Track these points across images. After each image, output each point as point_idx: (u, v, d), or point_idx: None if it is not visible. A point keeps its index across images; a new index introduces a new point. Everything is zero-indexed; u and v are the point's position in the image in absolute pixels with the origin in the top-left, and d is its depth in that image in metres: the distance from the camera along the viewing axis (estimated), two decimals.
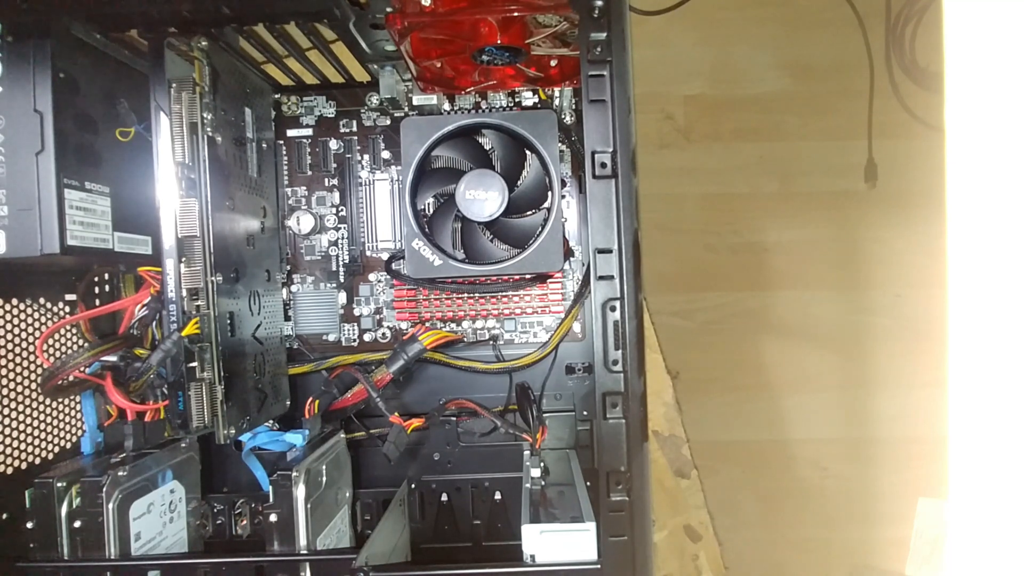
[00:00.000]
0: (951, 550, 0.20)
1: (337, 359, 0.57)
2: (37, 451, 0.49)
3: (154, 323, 0.49)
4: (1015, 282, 0.19)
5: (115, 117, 0.48)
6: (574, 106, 0.58)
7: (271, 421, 0.56)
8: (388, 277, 0.59)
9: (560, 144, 0.57)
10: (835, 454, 1.14)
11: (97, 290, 0.54)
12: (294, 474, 0.48)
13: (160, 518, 0.49)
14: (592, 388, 0.48)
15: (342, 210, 0.60)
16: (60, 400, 0.51)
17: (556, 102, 0.59)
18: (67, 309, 0.51)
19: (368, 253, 0.60)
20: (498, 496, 0.60)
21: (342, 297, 0.60)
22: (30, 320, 0.49)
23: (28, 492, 0.46)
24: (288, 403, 0.57)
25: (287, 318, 0.60)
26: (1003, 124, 0.19)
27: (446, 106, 0.59)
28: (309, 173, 0.60)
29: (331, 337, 0.60)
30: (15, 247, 0.42)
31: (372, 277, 0.60)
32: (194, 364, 0.45)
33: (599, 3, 0.38)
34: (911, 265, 1.14)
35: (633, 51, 0.39)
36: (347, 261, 0.60)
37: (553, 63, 0.52)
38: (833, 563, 1.12)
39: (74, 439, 0.52)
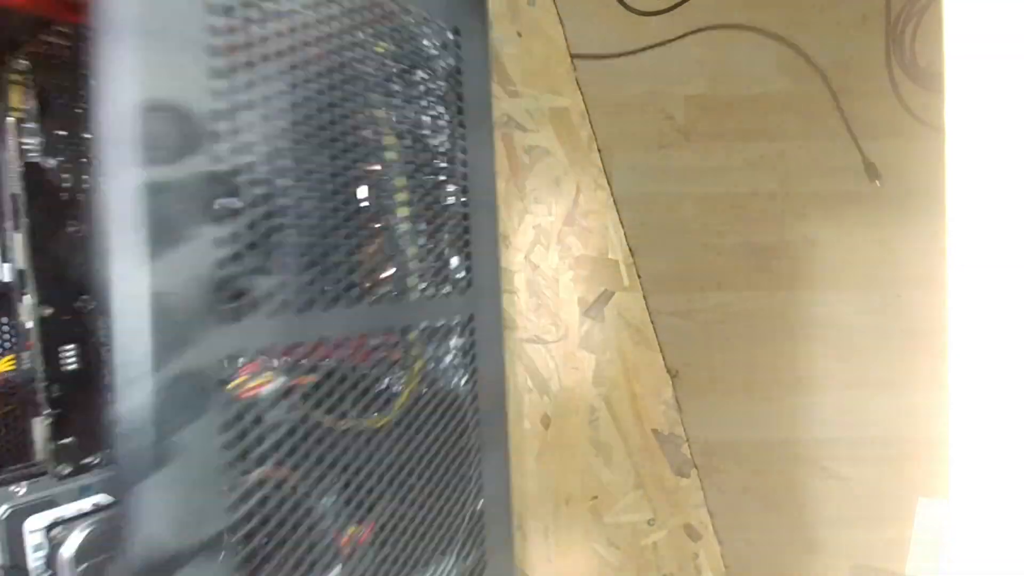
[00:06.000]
0: (951, 550, 0.20)
1: None
2: None
3: None
4: (1016, 282, 0.19)
5: None
6: None
7: None
8: None
9: None
10: (835, 454, 1.14)
11: None
12: (58, 532, 0.43)
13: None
14: None
15: None
16: None
17: None
18: None
19: None
20: None
21: None
22: None
23: None
24: None
25: None
26: (1004, 124, 0.19)
27: None
28: None
29: None
30: None
31: None
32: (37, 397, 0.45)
33: None
34: (911, 265, 1.14)
35: (632, 51, 0.39)
36: None
37: None
38: (833, 563, 1.12)
39: None
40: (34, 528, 0.46)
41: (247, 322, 0.31)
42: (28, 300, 0.45)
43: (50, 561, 0.43)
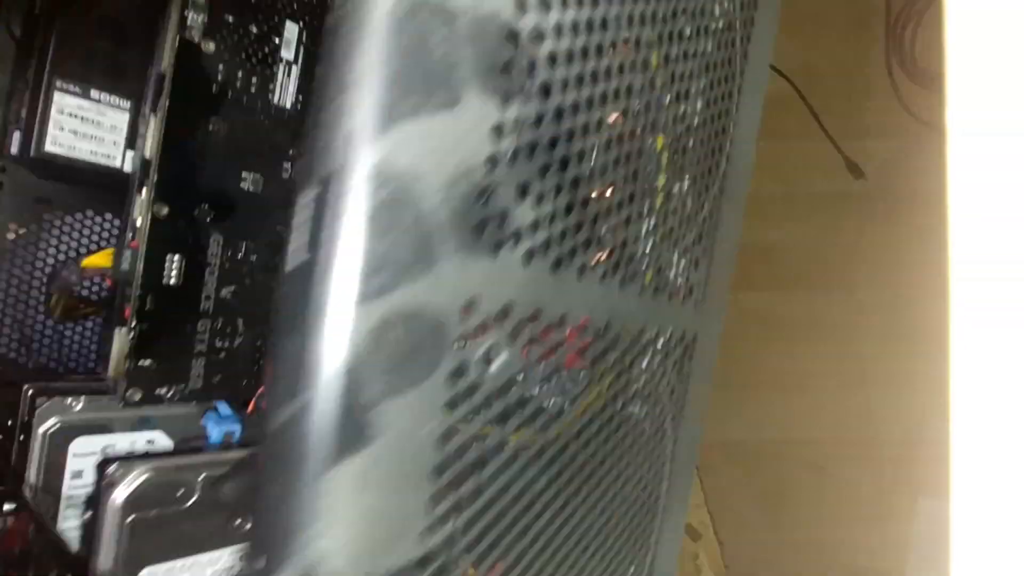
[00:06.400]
0: (952, 550, 0.20)
1: None
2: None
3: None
4: (1017, 281, 0.19)
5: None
6: None
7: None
8: None
9: None
10: (835, 454, 1.14)
11: None
12: (112, 470, 0.37)
13: None
14: None
15: None
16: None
17: None
18: None
19: None
20: None
21: None
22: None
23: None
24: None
25: None
26: (1005, 124, 0.19)
27: None
28: None
29: None
30: None
31: None
32: (127, 305, 0.40)
33: None
34: (911, 264, 1.14)
35: None
36: None
37: None
38: (833, 563, 1.12)
39: None
40: (80, 452, 0.42)
41: (500, 260, 0.20)
42: (145, 194, 0.40)
43: (93, 499, 0.38)
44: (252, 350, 0.47)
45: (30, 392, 0.43)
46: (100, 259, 0.43)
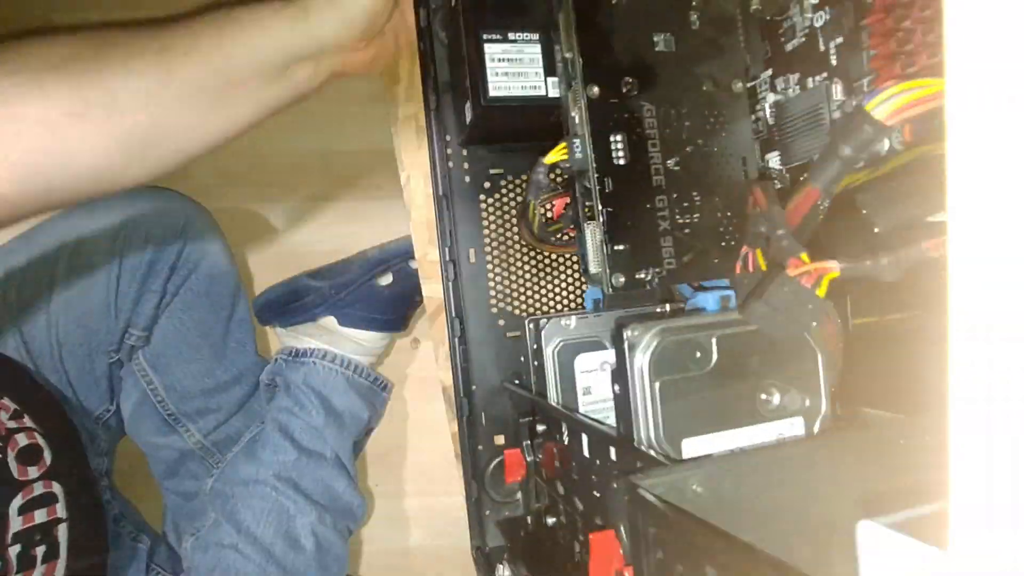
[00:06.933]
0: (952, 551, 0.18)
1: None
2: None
3: None
4: (1016, 281, 0.17)
5: None
6: None
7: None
8: None
9: None
10: None
11: None
12: (629, 333, 0.35)
13: None
14: None
15: None
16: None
17: None
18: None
19: None
20: None
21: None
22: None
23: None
24: None
25: (770, 145, 0.44)
26: (1005, 124, 0.16)
27: None
28: None
29: None
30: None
31: None
32: (589, 202, 0.41)
33: None
34: None
35: None
36: None
37: None
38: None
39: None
40: (585, 368, 0.48)
41: None
42: (575, 85, 0.42)
43: (618, 371, 0.38)
44: (715, 224, 0.45)
45: (531, 325, 0.48)
46: (557, 153, 0.45)
